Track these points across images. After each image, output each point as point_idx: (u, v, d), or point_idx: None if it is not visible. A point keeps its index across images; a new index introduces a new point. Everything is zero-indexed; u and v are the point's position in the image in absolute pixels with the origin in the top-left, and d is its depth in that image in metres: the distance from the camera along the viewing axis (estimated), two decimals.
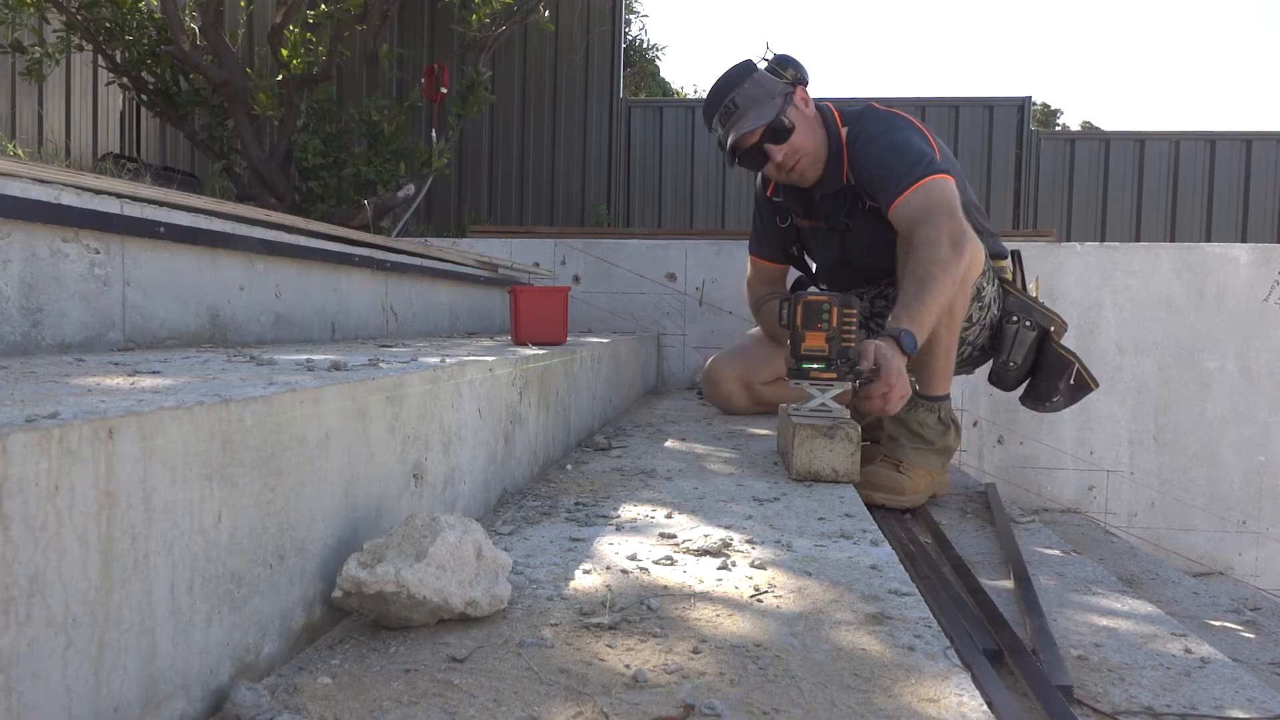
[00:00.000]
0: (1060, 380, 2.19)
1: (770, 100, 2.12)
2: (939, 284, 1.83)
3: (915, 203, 1.94)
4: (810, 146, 2.16)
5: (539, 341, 1.94)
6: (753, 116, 2.12)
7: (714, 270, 3.63)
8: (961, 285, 1.91)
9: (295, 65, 4.82)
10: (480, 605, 0.85)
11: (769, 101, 2.12)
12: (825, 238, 2.31)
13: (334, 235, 2.12)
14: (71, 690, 0.54)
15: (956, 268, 1.85)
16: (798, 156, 2.15)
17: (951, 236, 1.86)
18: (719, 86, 2.17)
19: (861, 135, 2.11)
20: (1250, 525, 3.33)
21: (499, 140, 6.24)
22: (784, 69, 2.16)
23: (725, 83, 2.17)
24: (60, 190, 1.27)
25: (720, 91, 2.17)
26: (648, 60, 12.28)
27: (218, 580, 0.68)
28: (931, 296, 1.82)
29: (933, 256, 1.84)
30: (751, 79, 2.14)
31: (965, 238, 1.87)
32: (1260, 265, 3.30)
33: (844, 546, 1.20)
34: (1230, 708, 1.10)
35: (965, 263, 1.86)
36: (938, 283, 1.83)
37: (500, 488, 1.43)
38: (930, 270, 1.83)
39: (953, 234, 1.86)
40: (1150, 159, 6.42)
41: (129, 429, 0.58)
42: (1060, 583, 1.65)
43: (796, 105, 2.14)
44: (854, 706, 0.70)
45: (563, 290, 2.01)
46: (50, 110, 6.65)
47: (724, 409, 2.69)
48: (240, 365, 1.05)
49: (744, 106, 2.13)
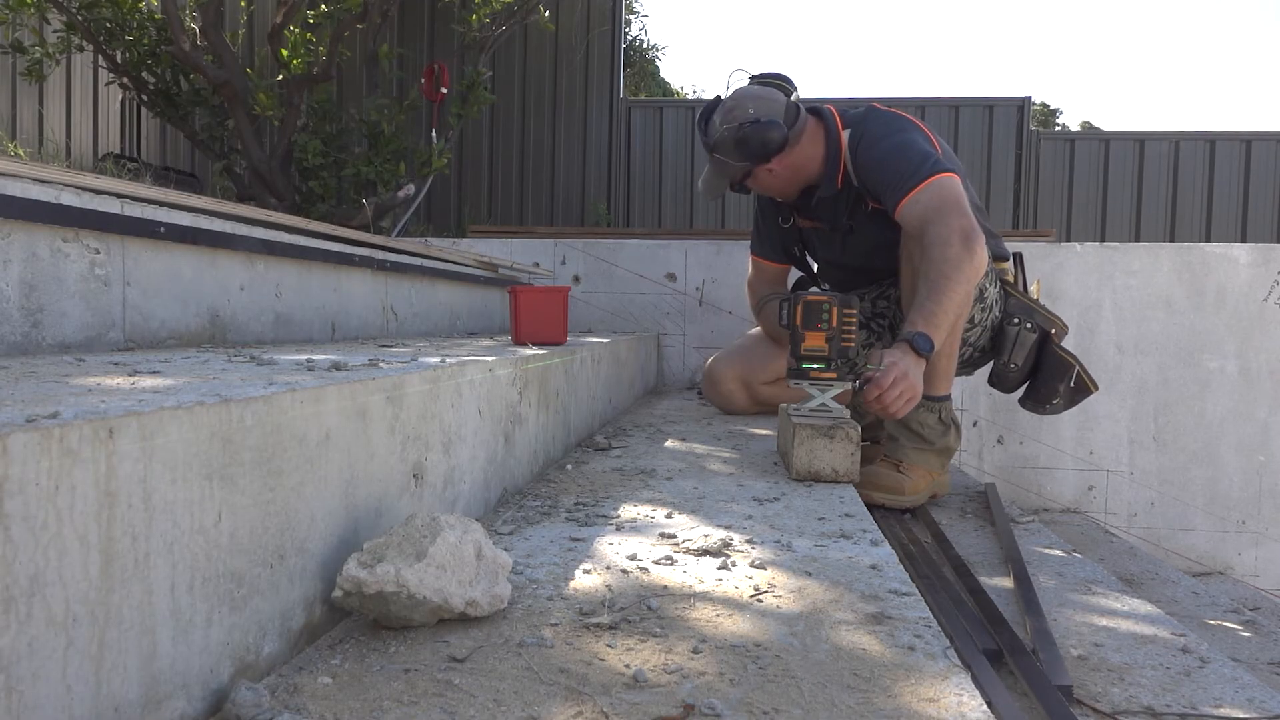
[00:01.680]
0: (1060, 383, 2.18)
1: (727, 177, 2.23)
2: (952, 284, 1.82)
3: (924, 201, 1.92)
4: (778, 187, 2.24)
5: (539, 341, 1.94)
6: (713, 176, 2.27)
7: (714, 270, 3.63)
8: (961, 286, 1.91)
9: (295, 65, 4.82)
10: (480, 605, 0.85)
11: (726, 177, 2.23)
12: (827, 238, 2.31)
13: (334, 235, 2.12)
14: (72, 690, 0.54)
15: (969, 266, 1.84)
16: (766, 192, 2.28)
17: (963, 233, 1.85)
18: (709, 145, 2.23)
19: (865, 137, 2.10)
20: (1250, 525, 3.33)
21: (499, 140, 6.24)
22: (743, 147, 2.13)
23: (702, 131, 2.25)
24: (60, 190, 1.27)
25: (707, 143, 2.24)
26: (648, 60, 12.28)
27: (218, 580, 0.68)
28: (945, 296, 1.81)
29: (944, 255, 1.83)
30: (714, 160, 2.23)
31: (976, 234, 1.86)
32: (1260, 265, 3.30)
33: (844, 546, 1.20)
34: (1230, 708, 1.10)
35: (978, 260, 1.86)
36: (950, 282, 1.82)
37: (500, 488, 1.43)
38: (943, 270, 1.83)
39: (964, 230, 1.85)
40: (1150, 159, 6.42)
41: (129, 429, 0.58)
42: (1060, 583, 1.65)
43: (770, 165, 2.16)
44: (854, 706, 0.70)
45: (563, 290, 2.01)
46: (50, 110, 6.65)
47: (724, 409, 2.69)
48: (240, 365, 1.05)
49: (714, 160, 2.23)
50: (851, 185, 2.16)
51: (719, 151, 2.17)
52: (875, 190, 2.07)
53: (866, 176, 2.09)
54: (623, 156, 6.32)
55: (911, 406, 1.77)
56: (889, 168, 2.01)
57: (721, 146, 2.15)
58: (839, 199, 2.20)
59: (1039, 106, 22.83)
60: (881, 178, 2.03)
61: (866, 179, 2.09)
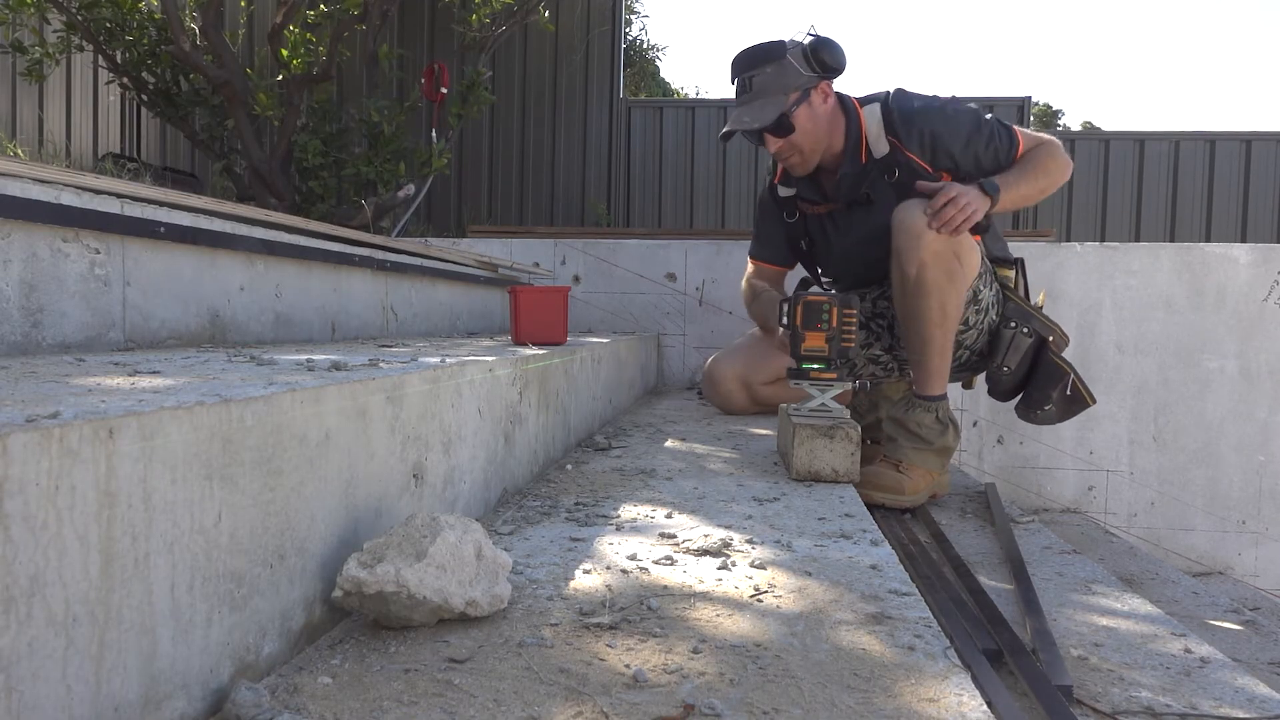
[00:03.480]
0: (1053, 389, 2.15)
1: (784, 95, 2.12)
2: (1037, 176, 2.10)
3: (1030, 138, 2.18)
4: (809, 145, 2.18)
5: (539, 341, 1.94)
6: (758, 108, 2.13)
7: (714, 270, 3.63)
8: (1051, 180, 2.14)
9: (295, 65, 4.81)
10: (480, 605, 0.85)
11: (781, 96, 2.12)
12: (840, 220, 2.30)
13: (334, 235, 2.12)
14: (72, 690, 0.54)
15: (1058, 179, 2.13)
16: (792, 152, 2.19)
17: (1066, 164, 2.15)
18: (745, 59, 2.18)
19: (916, 102, 2.15)
20: (1250, 525, 3.33)
21: (499, 140, 6.24)
22: (817, 57, 2.14)
23: (751, 58, 2.17)
24: (60, 190, 1.27)
25: (744, 64, 2.17)
26: (648, 60, 12.28)
27: (218, 580, 0.68)
28: (1026, 180, 2.08)
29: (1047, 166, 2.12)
30: (778, 64, 2.14)
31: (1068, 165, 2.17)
32: (1260, 265, 3.30)
33: (844, 546, 1.20)
34: (1230, 708, 1.10)
35: (1066, 176, 2.15)
36: (1038, 175, 2.10)
37: (500, 488, 1.43)
38: (1041, 164, 2.11)
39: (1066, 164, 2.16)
40: (1150, 159, 6.42)
41: (129, 429, 0.58)
42: (1060, 583, 1.65)
43: (811, 103, 2.14)
44: (854, 706, 0.70)
45: (563, 290, 2.01)
46: (50, 110, 6.65)
47: (724, 409, 2.69)
48: (240, 365, 1.05)
49: (757, 91, 2.14)
50: (873, 158, 2.17)
51: (790, 56, 2.14)
52: (949, 144, 2.12)
53: (937, 137, 2.13)
54: (622, 156, 6.32)
55: (967, 228, 1.95)
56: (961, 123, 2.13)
57: (793, 51, 2.14)
58: (860, 173, 2.20)
59: (1041, 107, 22.82)
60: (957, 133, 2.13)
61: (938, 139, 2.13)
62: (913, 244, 1.96)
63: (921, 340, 2.03)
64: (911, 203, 2.01)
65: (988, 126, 2.12)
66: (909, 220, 1.98)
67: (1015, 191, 2.05)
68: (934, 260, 1.96)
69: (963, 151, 2.11)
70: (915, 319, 2.02)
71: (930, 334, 2.01)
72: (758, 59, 2.15)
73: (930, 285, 1.97)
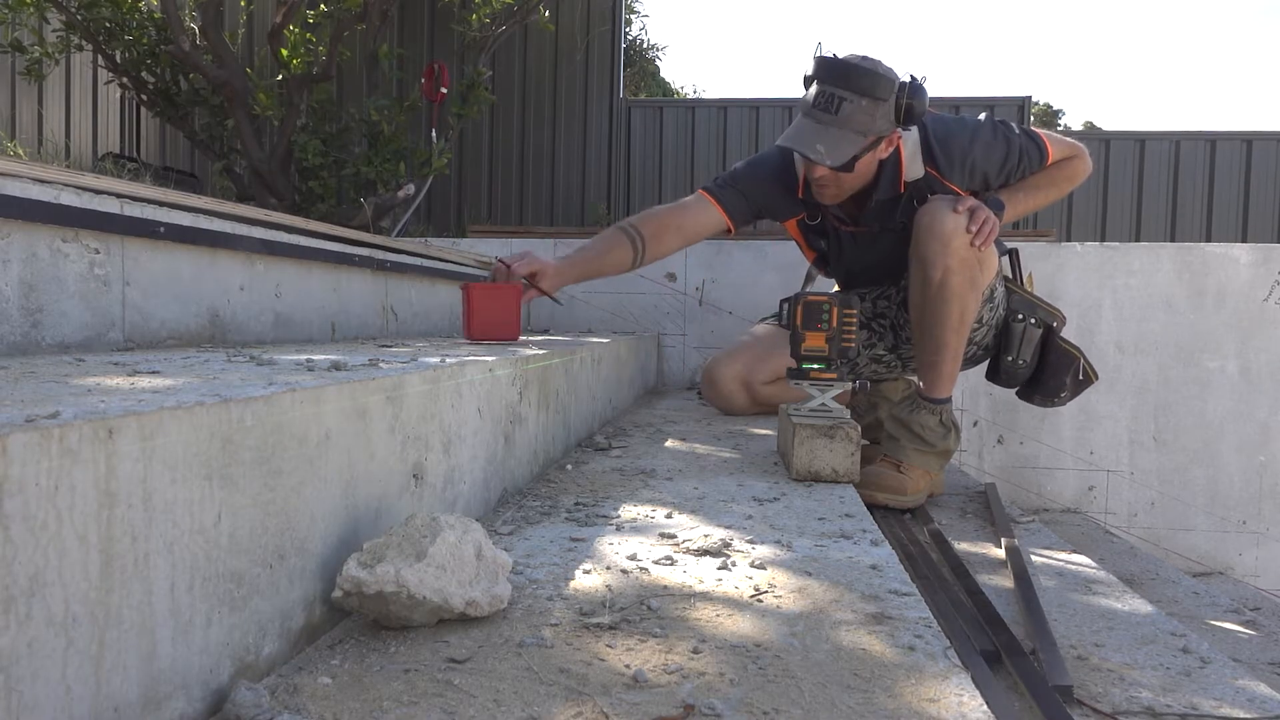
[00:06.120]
0: (1067, 375, 2.20)
1: (863, 136, 1.98)
2: (1045, 192, 2.16)
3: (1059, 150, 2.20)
4: (851, 185, 2.11)
5: (491, 339, 1.90)
6: (834, 139, 1.98)
7: (714, 270, 3.63)
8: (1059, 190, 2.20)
9: (295, 65, 4.81)
10: (480, 605, 0.85)
11: (861, 137, 1.98)
12: (868, 240, 2.27)
13: (334, 235, 2.12)
14: (71, 690, 0.54)
15: (1068, 185, 2.19)
16: (832, 185, 2.10)
17: (1084, 170, 2.20)
18: (845, 72, 1.97)
19: (952, 129, 2.15)
20: (1250, 525, 3.33)
21: (499, 140, 6.24)
22: (908, 107, 1.97)
23: (852, 77, 1.97)
24: (60, 190, 1.27)
25: (840, 78, 1.98)
26: (648, 60, 12.28)
27: (218, 580, 0.68)
28: (1033, 196, 2.13)
29: (1056, 176, 2.17)
30: (875, 103, 1.96)
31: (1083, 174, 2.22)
32: (1260, 265, 3.30)
33: (844, 546, 1.20)
34: (1230, 708, 1.10)
35: (1075, 184, 2.22)
36: (1045, 191, 2.16)
37: (500, 488, 1.43)
38: (1051, 178, 2.16)
39: (1085, 170, 2.20)
40: (1150, 159, 6.42)
41: (129, 429, 0.58)
42: (1060, 583, 1.65)
43: (877, 150, 2.04)
44: (854, 706, 0.70)
45: (515, 287, 1.95)
46: (50, 110, 6.65)
47: (724, 409, 2.69)
48: (240, 365, 1.05)
49: (842, 119, 1.97)
50: (908, 184, 2.13)
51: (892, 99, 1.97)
52: (985, 168, 2.13)
53: (974, 163, 2.12)
54: (622, 156, 6.32)
55: (993, 240, 1.97)
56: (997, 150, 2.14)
57: (896, 93, 1.97)
58: (895, 200, 2.15)
59: (1041, 107, 22.82)
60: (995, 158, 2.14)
61: (976, 158, 2.12)
62: (940, 249, 1.94)
63: (936, 344, 2.03)
64: (938, 205, 1.98)
65: (1017, 147, 2.11)
66: (937, 225, 1.95)
67: (1018, 209, 2.12)
68: (960, 266, 1.95)
69: (997, 176, 2.13)
70: (933, 323, 2.01)
71: (946, 339, 2.01)
72: (860, 84, 1.95)
73: (953, 291, 1.97)
